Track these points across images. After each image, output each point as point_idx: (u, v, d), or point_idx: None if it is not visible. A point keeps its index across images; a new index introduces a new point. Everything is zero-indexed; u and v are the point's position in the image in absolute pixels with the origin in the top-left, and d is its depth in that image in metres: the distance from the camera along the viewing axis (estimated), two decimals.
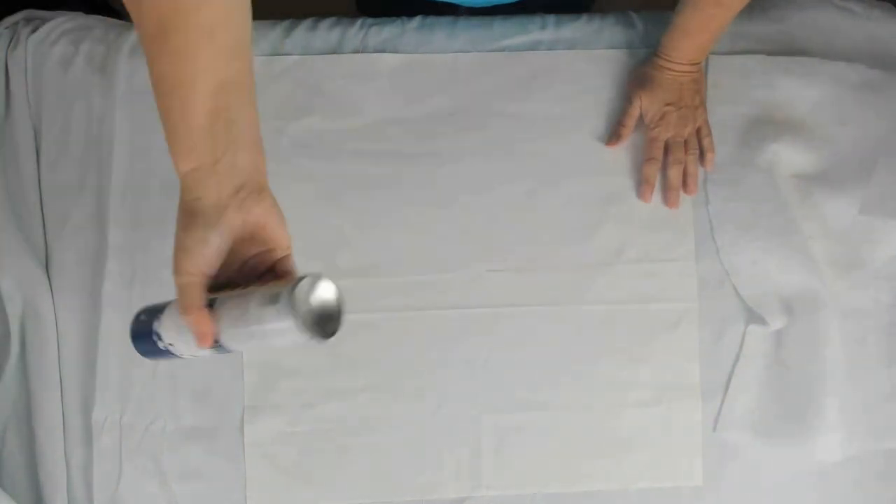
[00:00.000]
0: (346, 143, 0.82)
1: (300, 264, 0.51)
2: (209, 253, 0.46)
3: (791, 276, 0.81)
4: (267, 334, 0.45)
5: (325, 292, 0.45)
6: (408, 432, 0.80)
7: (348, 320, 0.83)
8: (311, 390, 0.80)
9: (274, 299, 0.44)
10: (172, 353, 0.51)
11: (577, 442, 0.81)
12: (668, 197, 0.82)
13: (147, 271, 0.80)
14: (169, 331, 0.50)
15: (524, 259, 0.82)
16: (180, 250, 0.46)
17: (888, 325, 0.82)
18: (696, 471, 0.81)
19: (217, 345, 0.48)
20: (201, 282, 0.46)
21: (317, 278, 0.45)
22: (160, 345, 0.51)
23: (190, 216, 0.46)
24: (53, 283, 0.80)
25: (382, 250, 0.81)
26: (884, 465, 0.82)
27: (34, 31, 0.82)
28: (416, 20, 0.85)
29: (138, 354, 0.53)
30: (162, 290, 0.79)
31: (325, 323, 0.45)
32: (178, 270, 0.46)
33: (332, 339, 0.45)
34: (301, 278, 0.44)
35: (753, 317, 0.82)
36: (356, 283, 0.80)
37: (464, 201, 0.82)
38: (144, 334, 0.51)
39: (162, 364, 0.80)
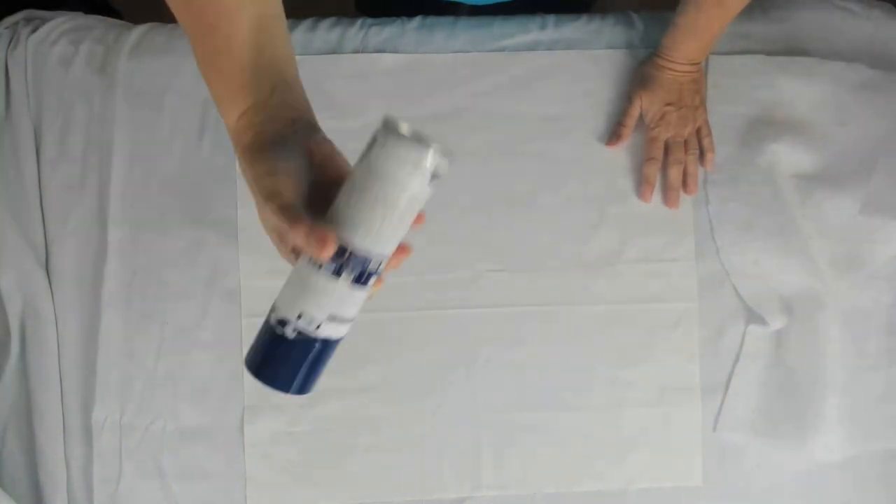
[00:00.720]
0: (346, 143, 0.81)
1: None
2: (291, 168, 0.41)
3: (791, 276, 0.81)
4: (387, 183, 0.39)
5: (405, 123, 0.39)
6: (408, 432, 0.81)
7: None
8: None
9: (368, 146, 0.39)
10: (308, 336, 0.40)
11: (577, 442, 0.81)
12: (668, 197, 0.82)
13: (147, 271, 0.80)
14: (290, 304, 0.40)
15: (524, 259, 0.82)
16: (261, 176, 0.40)
17: (888, 325, 0.82)
18: (696, 471, 0.81)
19: (342, 255, 0.39)
20: (298, 200, 0.40)
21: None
22: (288, 332, 0.40)
23: (255, 149, 0.41)
24: (53, 283, 0.80)
25: None
26: (884, 465, 0.82)
27: (34, 31, 0.82)
28: (416, 20, 0.85)
29: (288, 390, 0.42)
30: (162, 290, 0.80)
31: (425, 138, 0.39)
32: (270, 195, 0.39)
33: (447, 171, 0.40)
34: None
35: (753, 317, 0.82)
36: None
37: (464, 201, 0.82)
38: (266, 342, 0.41)
39: (162, 364, 0.80)
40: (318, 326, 0.40)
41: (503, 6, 0.82)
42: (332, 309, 0.40)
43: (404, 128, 0.39)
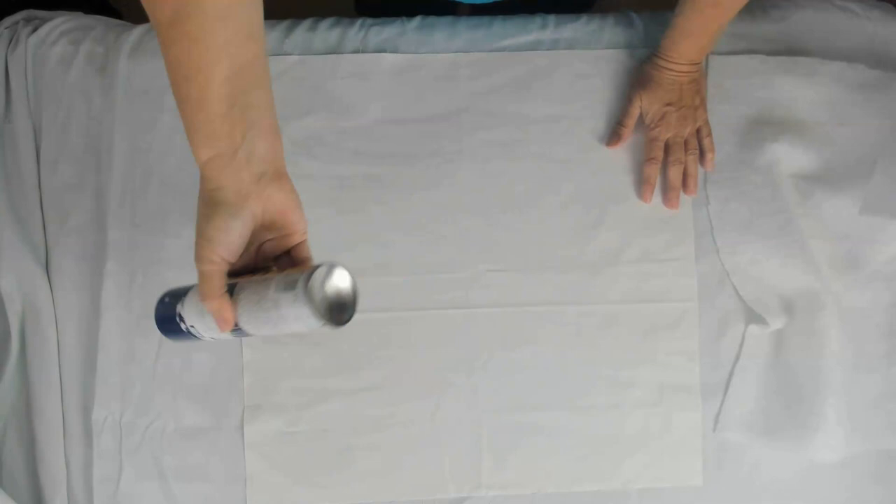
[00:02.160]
0: (346, 143, 0.82)
1: None
2: (231, 241, 0.47)
3: (791, 276, 0.81)
4: (283, 319, 0.46)
5: (340, 280, 0.47)
6: (408, 432, 0.81)
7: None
8: (311, 390, 0.80)
9: (290, 286, 0.45)
10: (194, 336, 0.53)
11: (578, 442, 0.81)
12: (668, 197, 0.82)
13: (147, 271, 0.80)
14: (191, 314, 0.52)
15: (524, 259, 0.82)
16: (203, 239, 0.47)
17: (888, 325, 0.82)
18: (696, 471, 0.81)
19: (237, 328, 0.49)
20: (223, 270, 0.48)
21: (332, 266, 0.46)
22: (182, 326, 0.53)
23: (212, 206, 0.47)
24: (53, 283, 0.80)
25: (382, 250, 0.81)
26: (884, 465, 0.82)
27: (34, 31, 0.82)
28: (416, 20, 0.85)
29: (163, 335, 0.55)
30: (162, 290, 0.80)
31: (340, 310, 0.46)
32: (200, 258, 0.47)
33: (347, 326, 0.47)
34: (317, 266, 0.46)
35: (753, 317, 0.82)
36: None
37: (464, 201, 0.82)
38: (168, 316, 0.54)
39: (162, 364, 0.80)
40: (200, 336, 0.53)
41: (503, 6, 0.82)
42: (215, 336, 0.52)
43: (319, 293, 0.45)
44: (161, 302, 0.55)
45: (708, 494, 0.81)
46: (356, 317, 0.48)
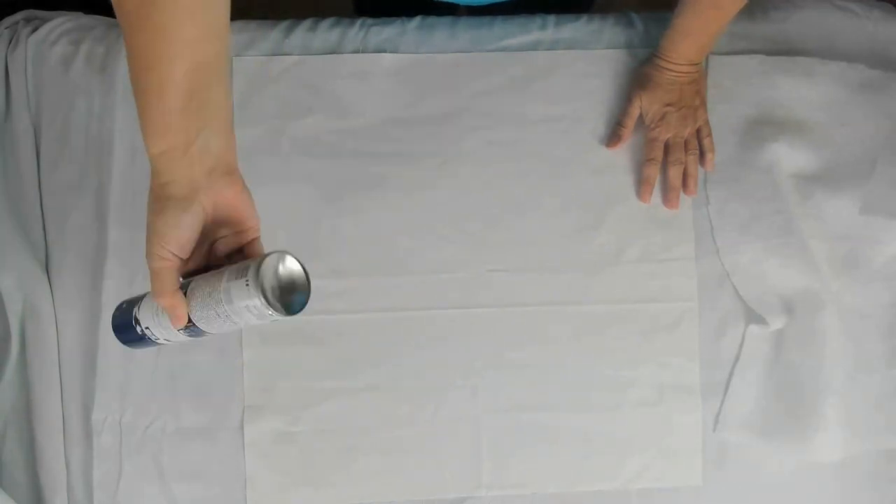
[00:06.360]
0: (346, 143, 0.82)
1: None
2: (182, 236, 0.47)
3: (791, 275, 0.81)
4: (236, 311, 0.46)
5: (292, 265, 0.47)
6: (408, 432, 0.80)
7: (349, 320, 0.83)
8: (311, 390, 0.80)
9: (241, 274, 0.46)
10: (149, 339, 0.53)
11: (577, 442, 0.81)
12: (668, 198, 0.82)
13: (147, 271, 0.80)
14: (146, 315, 0.52)
15: (524, 259, 0.82)
16: (153, 234, 0.47)
17: (888, 325, 0.82)
18: (696, 471, 0.81)
19: (191, 326, 0.49)
20: (174, 266, 0.48)
21: (283, 255, 0.47)
22: (138, 329, 0.52)
23: (162, 200, 0.47)
24: (53, 283, 0.80)
25: (382, 250, 0.81)
26: (884, 465, 0.82)
27: (34, 31, 0.82)
28: (416, 20, 0.85)
29: (120, 343, 0.55)
30: None
31: (291, 297, 0.47)
32: (150, 255, 0.47)
33: (299, 316, 0.47)
34: (267, 255, 0.46)
35: (753, 317, 0.82)
36: (356, 283, 0.80)
37: (464, 201, 0.82)
38: (124, 322, 0.54)
39: (162, 364, 0.80)
40: (156, 339, 0.53)
41: (503, 6, 0.82)
42: (169, 337, 0.53)
43: (271, 280, 0.45)
44: (118, 308, 0.55)
45: (708, 494, 0.81)
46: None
